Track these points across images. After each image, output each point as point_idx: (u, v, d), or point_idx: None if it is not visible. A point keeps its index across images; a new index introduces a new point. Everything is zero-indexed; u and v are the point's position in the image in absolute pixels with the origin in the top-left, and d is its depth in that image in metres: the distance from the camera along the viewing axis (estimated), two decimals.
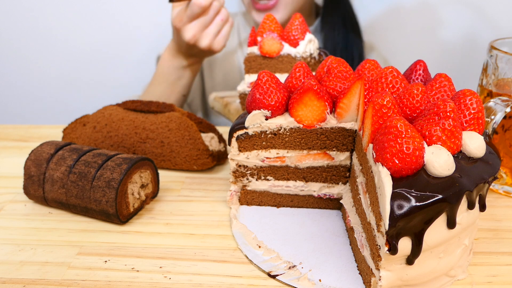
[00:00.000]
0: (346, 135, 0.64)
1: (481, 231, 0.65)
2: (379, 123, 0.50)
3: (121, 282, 0.56)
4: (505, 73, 0.71)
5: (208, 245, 0.62)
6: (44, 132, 0.97)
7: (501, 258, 0.60)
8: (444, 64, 1.54)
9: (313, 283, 0.55)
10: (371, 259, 0.53)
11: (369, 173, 0.53)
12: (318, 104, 0.60)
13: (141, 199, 0.69)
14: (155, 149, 0.80)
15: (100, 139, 0.81)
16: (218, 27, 1.02)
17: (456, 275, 0.55)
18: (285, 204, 0.71)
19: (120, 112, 0.82)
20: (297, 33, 0.85)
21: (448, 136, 0.49)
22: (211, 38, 1.02)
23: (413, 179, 0.47)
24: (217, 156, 0.81)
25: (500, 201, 0.73)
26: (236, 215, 0.68)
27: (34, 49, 1.63)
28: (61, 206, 0.69)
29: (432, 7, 1.50)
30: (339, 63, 0.62)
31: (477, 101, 0.53)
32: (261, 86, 0.61)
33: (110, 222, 0.67)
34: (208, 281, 0.56)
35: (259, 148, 0.66)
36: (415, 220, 0.46)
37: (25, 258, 0.60)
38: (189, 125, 0.78)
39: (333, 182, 0.68)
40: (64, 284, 0.55)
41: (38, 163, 0.68)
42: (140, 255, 0.60)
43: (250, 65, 0.88)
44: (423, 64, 0.63)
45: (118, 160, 0.66)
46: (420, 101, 0.53)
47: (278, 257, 0.59)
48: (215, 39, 1.03)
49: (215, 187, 0.77)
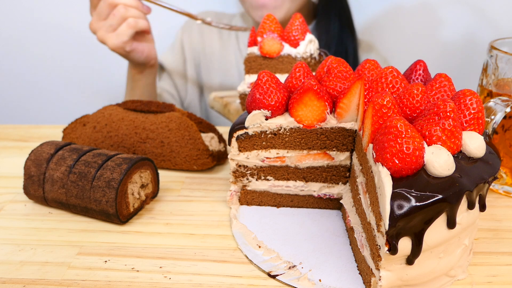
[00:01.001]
0: (346, 135, 0.64)
1: (481, 231, 0.65)
2: (379, 123, 0.50)
3: (121, 282, 0.56)
4: (505, 73, 0.71)
5: (208, 245, 0.62)
6: (44, 132, 0.97)
7: (501, 258, 0.60)
8: (444, 64, 1.54)
9: (313, 283, 0.55)
10: (371, 259, 0.53)
11: (369, 173, 0.53)
12: (318, 104, 0.60)
13: (141, 199, 0.69)
14: (155, 149, 0.80)
15: (100, 139, 0.81)
16: (110, 22, 1.01)
17: (456, 275, 0.55)
18: (285, 204, 0.71)
19: (120, 112, 0.82)
20: (297, 33, 0.85)
21: (448, 136, 0.49)
22: (103, 31, 1.02)
23: (413, 179, 0.47)
24: (217, 156, 0.81)
25: (500, 201, 0.73)
26: (236, 215, 0.68)
27: (34, 49, 1.63)
28: (61, 206, 0.69)
29: (432, 7, 1.50)
30: (339, 63, 0.62)
31: (477, 101, 0.53)
32: (261, 86, 0.61)
33: (110, 222, 0.67)
34: (208, 281, 0.56)
35: (259, 148, 0.66)
36: (415, 220, 0.46)
37: (25, 258, 0.60)
38: (189, 125, 0.78)
39: (333, 182, 0.68)
40: (64, 284, 0.55)
41: (38, 163, 0.68)
42: (140, 255, 0.60)
43: (250, 66, 0.88)
44: (423, 64, 0.63)
45: (118, 160, 0.66)
46: (420, 101, 0.53)
47: (278, 257, 0.59)
48: (107, 34, 1.02)
49: (215, 187, 0.77)
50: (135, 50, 1.06)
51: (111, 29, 1.01)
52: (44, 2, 1.55)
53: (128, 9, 1.00)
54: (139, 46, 1.06)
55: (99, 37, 1.04)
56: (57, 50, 1.62)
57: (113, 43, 1.02)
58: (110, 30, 1.02)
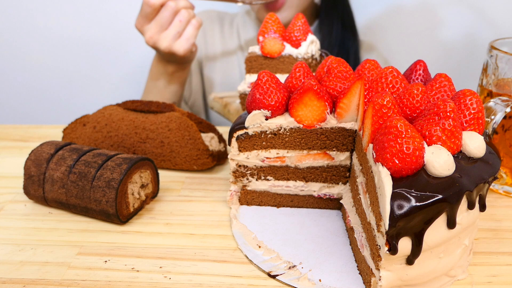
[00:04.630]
0: (346, 135, 0.64)
1: (481, 231, 0.65)
2: (379, 123, 0.50)
3: (121, 282, 0.56)
4: (505, 73, 0.71)
5: (208, 245, 0.62)
6: (44, 132, 0.97)
7: (501, 258, 0.60)
8: (444, 64, 1.54)
9: (313, 283, 0.55)
10: (371, 259, 0.53)
11: (369, 173, 0.53)
12: (318, 104, 0.60)
13: (141, 199, 0.69)
14: (155, 149, 0.80)
15: (100, 139, 0.81)
16: (177, 28, 0.98)
17: (456, 275, 0.55)
18: (285, 204, 0.71)
19: (120, 112, 0.82)
20: (299, 33, 0.85)
21: (448, 136, 0.49)
22: (170, 40, 0.98)
23: (413, 179, 0.47)
24: (217, 156, 0.81)
25: (500, 201, 0.73)
26: (236, 215, 0.68)
27: (34, 49, 1.63)
28: (61, 206, 0.69)
29: (432, 7, 1.50)
30: (339, 63, 0.62)
31: (477, 101, 0.53)
32: (261, 86, 0.61)
33: (110, 222, 0.67)
34: (208, 281, 0.56)
35: (259, 148, 0.66)
36: (415, 220, 0.46)
37: (25, 258, 0.60)
38: (189, 125, 0.78)
39: (333, 182, 0.68)
40: (64, 284, 0.55)
41: (38, 163, 0.68)
42: (140, 255, 0.60)
43: (251, 65, 0.88)
44: (423, 64, 0.63)
45: (118, 160, 0.66)
46: (420, 101, 0.53)
47: (278, 257, 0.59)
48: (175, 42, 0.99)
49: (215, 187, 0.77)
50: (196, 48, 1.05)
51: (178, 35, 0.99)
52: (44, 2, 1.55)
53: (189, 11, 0.98)
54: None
55: (165, 48, 0.99)
56: (57, 50, 1.62)
57: (184, 48, 0.99)
58: (178, 36, 0.99)
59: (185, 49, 1.00)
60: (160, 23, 0.97)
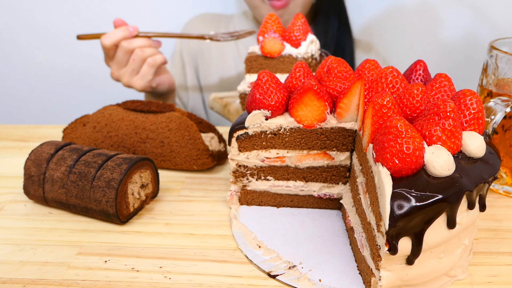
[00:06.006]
0: (346, 135, 0.64)
1: (481, 231, 0.65)
2: (379, 123, 0.50)
3: (121, 282, 0.56)
4: (505, 73, 0.71)
5: (208, 245, 0.62)
6: (44, 132, 0.97)
7: (501, 258, 0.60)
8: (444, 64, 1.54)
9: (313, 283, 0.55)
10: (371, 259, 0.53)
11: (369, 173, 0.53)
12: (318, 104, 0.60)
13: (141, 199, 0.69)
14: (155, 149, 0.80)
15: (100, 139, 0.81)
16: (131, 67, 1.04)
17: (456, 275, 0.55)
18: (285, 204, 0.71)
19: (120, 112, 0.82)
20: (299, 33, 0.85)
21: (448, 136, 0.49)
22: (127, 76, 1.06)
23: (413, 179, 0.47)
24: (217, 156, 0.81)
25: (500, 201, 0.73)
26: (236, 215, 0.68)
27: (34, 49, 1.63)
28: (61, 206, 0.69)
29: (432, 7, 1.50)
30: (339, 63, 0.62)
31: (477, 101, 0.53)
32: (261, 86, 0.61)
33: (110, 222, 0.67)
34: (208, 281, 0.56)
35: (259, 148, 0.66)
36: (415, 220, 0.46)
37: (25, 258, 0.60)
38: (189, 125, 0.78)
39: (333, 182, 0.68)
40: (64, 284, 0.55)
41: (38, 163, 0.68)
42: (140, 255, 0.60)
43: (251, 65, 0.88)
44: (423, 64, 0.63)
45: (118, 160, 0.66)
46: (420, 101, 0.53)
47: (278, 257, 0.59)
48: (132, 78, 1.06)
49: (215, 187, 0.77)
50: (160, 83, 1.12)
51: (134, 73, 1.06)
52: (44, 2, 1.55)
53: (144, 50, 1.04)
54: (161, 79, 1.12)
55: (125, 83, 1.08)
56: (58, 50, 1.62)
57: (140, 85, 1.07)
58: (134, 74, 1.06)
59: (142, 86, 1.07)
60: (117, 61, 1.06)
